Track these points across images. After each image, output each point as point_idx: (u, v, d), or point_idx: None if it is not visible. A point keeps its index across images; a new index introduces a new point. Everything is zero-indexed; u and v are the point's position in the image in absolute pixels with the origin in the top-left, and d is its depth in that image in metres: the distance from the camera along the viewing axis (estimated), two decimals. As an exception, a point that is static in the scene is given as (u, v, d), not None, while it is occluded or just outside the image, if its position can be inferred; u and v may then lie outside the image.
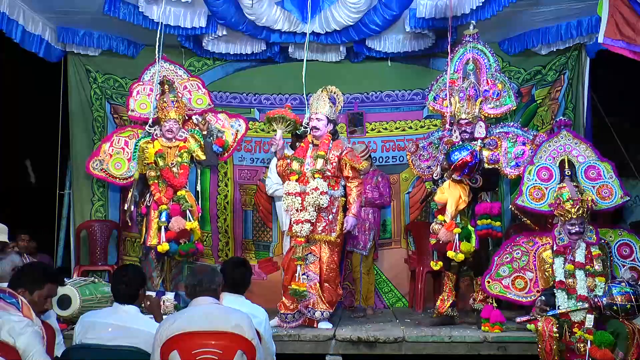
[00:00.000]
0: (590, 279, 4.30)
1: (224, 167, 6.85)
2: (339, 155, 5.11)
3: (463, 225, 5.03)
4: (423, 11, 5.95)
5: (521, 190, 4.91)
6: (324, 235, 5.03)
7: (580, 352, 4.06)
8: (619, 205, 4.84)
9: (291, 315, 5.01)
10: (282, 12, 6.05)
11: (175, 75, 5.92)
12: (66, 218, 6.81)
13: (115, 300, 3.41)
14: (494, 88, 5.23)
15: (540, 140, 5.06)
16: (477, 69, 5.29)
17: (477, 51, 5.32)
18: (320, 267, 5.02)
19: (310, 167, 5.08)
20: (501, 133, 5.23)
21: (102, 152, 5.84)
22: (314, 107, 5.20)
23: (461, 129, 5.18)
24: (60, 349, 3.49)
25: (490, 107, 5.23)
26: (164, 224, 5.22)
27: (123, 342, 3.19)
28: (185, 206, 5.31)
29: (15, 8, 5.72)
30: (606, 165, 4.87)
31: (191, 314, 3.07)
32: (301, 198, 4.99)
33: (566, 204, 4.40)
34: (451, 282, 5.30)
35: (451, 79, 5.33)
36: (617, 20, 4.62)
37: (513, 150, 5.15)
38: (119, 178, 5.89)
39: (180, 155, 5.44)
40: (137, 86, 5.92)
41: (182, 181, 5.39)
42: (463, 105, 5.18)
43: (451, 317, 5.24)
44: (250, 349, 2.97)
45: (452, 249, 4.95)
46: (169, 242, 5.18)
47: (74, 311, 4.56)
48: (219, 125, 5.83)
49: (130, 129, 5.98)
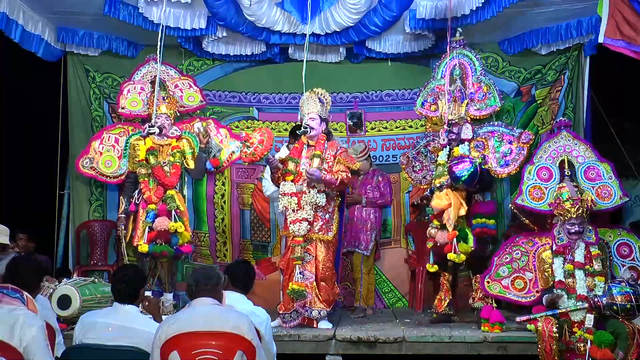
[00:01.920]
0: (590, 278, 4.31)
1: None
2: (334, 155, 5.15)
3: (460, 227, 5.08)
4: (423, 12, 5.96)
5: (521, 189, 4.94)
6: (320, 235, 5.05)
7: (580, 352, 4.07)
8: (618, 206, 4.86)
9: (289, 315, 5.01)
10: (282, 13, 6.05)
11: (166, 76, 5.93)
12: (66, 218, 6.81)
13: (116, 300, 3.41)
14: (480, 90, 5.39)
15: (527, 138, 5.19)
16: (464, 74, 5.44)
17: (463, 56, 5.51)
18: (316, 266, 5.03)
19: (306, 166, 5.09)
20: (487, 133, 5.33)
21: (92, 149, 5.81)
22: (306, 108, 5.22)
23: (447, 130, 5.29)
24: (60, 349, 3.49)
25: (475, 108, 5.38)
26: (149, 224, 5.15)
27: (123, 342, 3.20)
28: (171, 206, 5.20)
29: (15, 8, 5.72)
30: (605, 166, 4.89)
31: (191, 315, 3.07)
32: (297, 198, 5.00)
33: (566, 204, 4.41)
34: (447, 281, 5.38)
35: (438, 84, 5.52)
36: (617, 19, 4.63)
37: (500, 149, 5.25)
38: (110, 176, 5.84)
39: (173, 155, 5.36)
40: (128, 85, 5.93)
41: (174, 181, 5.31)
42: (450, 107, 5.31)
43: (449, 315, 5.31)
44: (250, 349, 2.97)
45: (452, 251, 5.00)
46: (149, 243, 5.10)
47: (74, 311, 4.57)
48: (217, 139, 5.73)
49: (120, 126, 5.96)
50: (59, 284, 4.90)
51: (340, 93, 6.98)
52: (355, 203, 6.10)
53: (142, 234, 5.18)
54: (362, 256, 5.99)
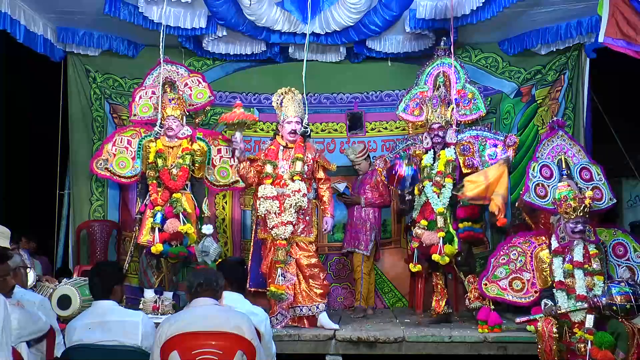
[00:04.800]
0: (589, 278, 4.31)
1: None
2: (313, 157, 5.19)
3: (447, 229, 5.11)
4: (423, 12, 5.96)
5: (527, 186, 4.92)
6: (303, 237, 5.08)
7: (581, 353, 4.05)
8: (609, 207, 4.90)
9: (274, 318, 4.99)
10: (282, 13, 6.05)
11: (176, 75, 5.91)
12: (66, 218, 6.81)
13: (94, 298, 3.45)
14: (465, 97, 5.56)
15: (512, 141, 5.33)
16: (447, 81, 5.57)
17: (448, 65, 5.66)
18: (300, 267, 5.05)
19: (287, 169, 5.10)
20: (470, 137, 5.43)
21: (105, 152, 5.82)
22: (292, 110, 5.16)
23: (433, 133, 5.36)
24: (60, 349, 3.50)
25: (461, 114, 5.54)
26: (157, 225, 5.17)
27: (106, 337, 3.23)
28: (177, 209, 5.23)
29: (16, 8, 5.72)
30: (596, 167, 4.95)
31: (191, 315, 3.07)
32: (279, 201, 4.99)
33: (572, 202, 4.39)
34: (441, 281, 5.44)
35: (421, 90, 5.70)
36: (618, 19, 4.63)
37: (485, 153, 5.35)
38: (124, 177, 5.85)
39: (182, 157, 5.37)
40: (140, 91, 5.88)
41: (179, 184, 5.32)
42: (436, 111, 5.38)
43: (448, 315, 5.37)
44: (250, 349, 2.97)
45: (437, 252, 5.04)
46: (163, 244, 5.14)
47: (74, 311, 4.57)
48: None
49: (133, 128, 5.97)
50: (59, 284, 4.90)
51: (340, 93, 6.98)
52: (355, 203, 6.11)
53: (147, 232, 5.23)
54: (362, 256, 5.99)
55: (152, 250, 5.14)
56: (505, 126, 6.67)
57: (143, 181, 5.54)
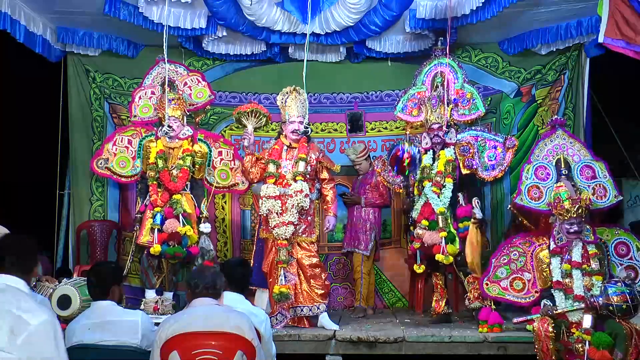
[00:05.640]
0: (587, 278, 4.31)
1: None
2: (317, 158, 5.19)
3: (448, 229, 5.12)
4: (423, 12, 5.96)
5: (520, 189, 4.94)
6: (305, 237, 5.09)
7: (579, 353, 4.05)
8: (614, 204, 4.87)
9: (274, 317, 5.00)
10: (282, 13, 6.05)
11: (175, 74, 5.89)
12: (66, 218, 6.81)
13: (92, 299, 3.46)
14: (463, 97, 5.55)
15: (512, 144, 5.34)
16: (444, 81, 5.54)
17: (445, 64, 5.64)
18: (302, 266, 5.06)
19: (290, 169, 5.09)
20: (470, 138, 5.44)
21: (106, 151, 5.82)
22: (295, 109, 5.18)
23: (432, 134, 5.37)
24: (60, 349, 3.49)
25: (460, 114, 5.53)
26: (156, 226, 5.16)
27: (106, 338, 3.22)
28: (177, 211, 5.22)
29: (16, 8, 5.72)
30: (600, 164, 4.91)
31: (191, 315, 3.07)
32: (281, 201, 4.99)
33: (565, 203, 4.40)
34: (441, 281, 5.45)
35: (419, 90, 5.70)
36: (617, 19, 4.63)
37: (485, 153, 5.38)
38: (124, 176, 5.85)
39: (183, 159, 5.37)
40: (139, 92, 5.87)
41: (179, 185, 5.31)
42: (435, 111, 5.39)
43: (448, 315, 5.38)
44: (250, 350, 2.97)
45: (440, 252, 5.05)
46: (161, 244, 5.13)
47: (74, 311, 4.57)
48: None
49: (133, 128, 5.96)
50: (59, 284, 4.90)
51: (340, 93, 6.98)
52: (355, 203, 6.11)
53: (147, 232, 5.22)
54: (362, 256, 5.99)
55: (150, 251, 5.15)
56: (505, 126, 6.67)
57: (143, 181, 5.54)
